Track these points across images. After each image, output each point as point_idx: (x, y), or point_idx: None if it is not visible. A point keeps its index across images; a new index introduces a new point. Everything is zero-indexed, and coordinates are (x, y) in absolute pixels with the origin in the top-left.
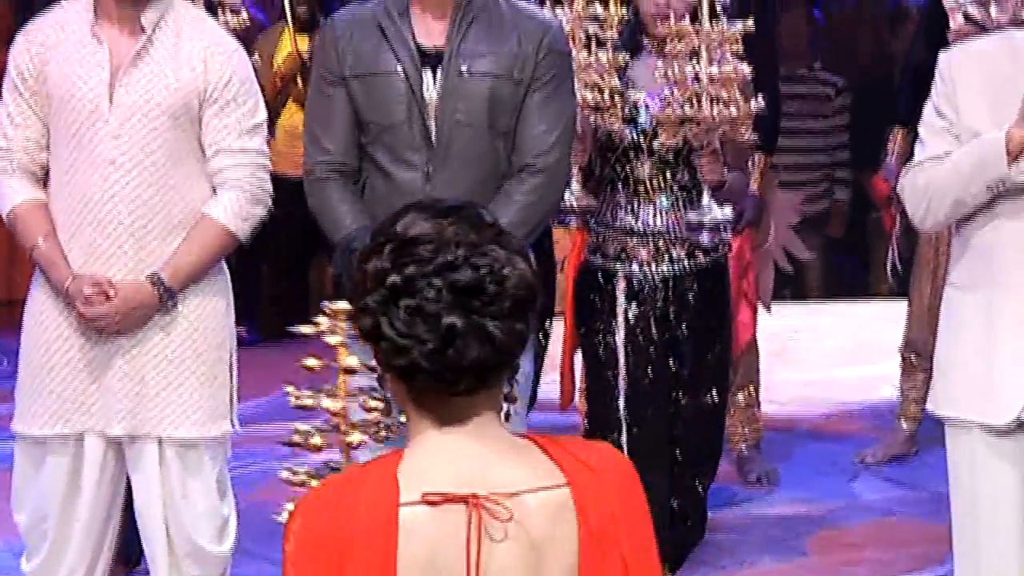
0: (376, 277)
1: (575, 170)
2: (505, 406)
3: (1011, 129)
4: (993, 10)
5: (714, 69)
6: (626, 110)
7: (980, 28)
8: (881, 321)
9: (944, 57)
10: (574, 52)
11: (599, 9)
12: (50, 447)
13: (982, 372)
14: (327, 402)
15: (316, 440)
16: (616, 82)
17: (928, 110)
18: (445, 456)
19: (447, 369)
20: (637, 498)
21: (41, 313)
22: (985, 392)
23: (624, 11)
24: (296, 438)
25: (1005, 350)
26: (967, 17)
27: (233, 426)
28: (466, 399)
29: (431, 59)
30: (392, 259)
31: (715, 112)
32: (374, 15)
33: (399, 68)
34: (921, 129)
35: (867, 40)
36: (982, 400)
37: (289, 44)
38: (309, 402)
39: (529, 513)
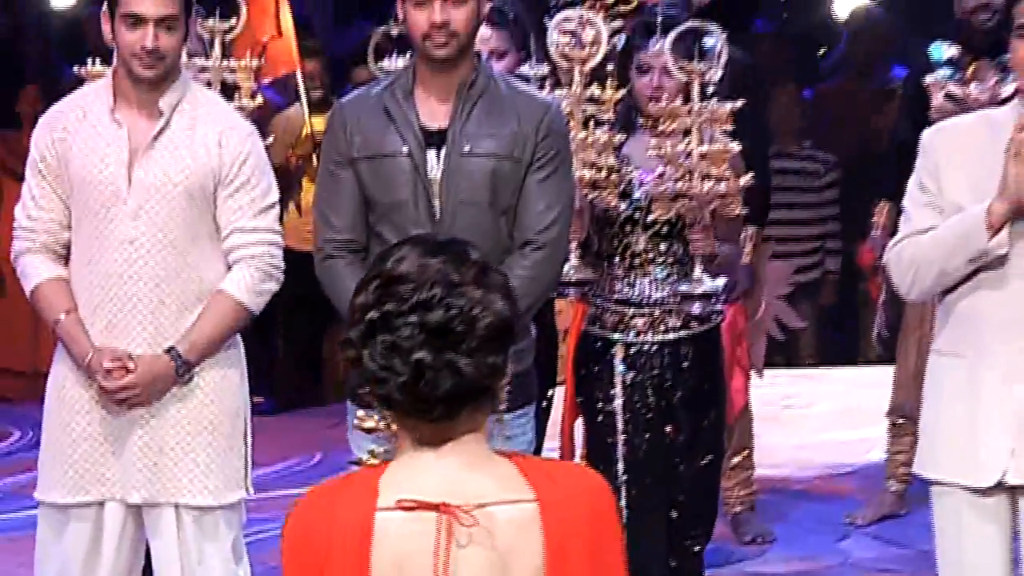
0: (361, 311)
1: (573, 244)
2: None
3: (991, 203)
4: (973, 89)
5: (704, 147)
6: (622, 186)
7: (960, 106)
8: (870, 387)
9: (927, 134)
10: (573, 132)
11: (596, 91)
12: (72, 514)
13: (965, 436)
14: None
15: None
16: (613, 160)
17: (912, 185)
18: (423, 469)
19: (419, 400)
20: (607, 517)
21: (63, 386)
22: (968, 455)
23: (620, 93)
24: (368, 458)
25: (987, 415)
26: (948, 96)
27: (248, 493)
28: (444, 423)
29: (435, 139)
30: (376, 296)
31: (706, 188)
32: (380, 97)
33: (404, 148)
34: (906, 203)
35: (855, 117)
36: (965, 463)
37: (305, 126)
38: (372, 424)
39: (497, 524)
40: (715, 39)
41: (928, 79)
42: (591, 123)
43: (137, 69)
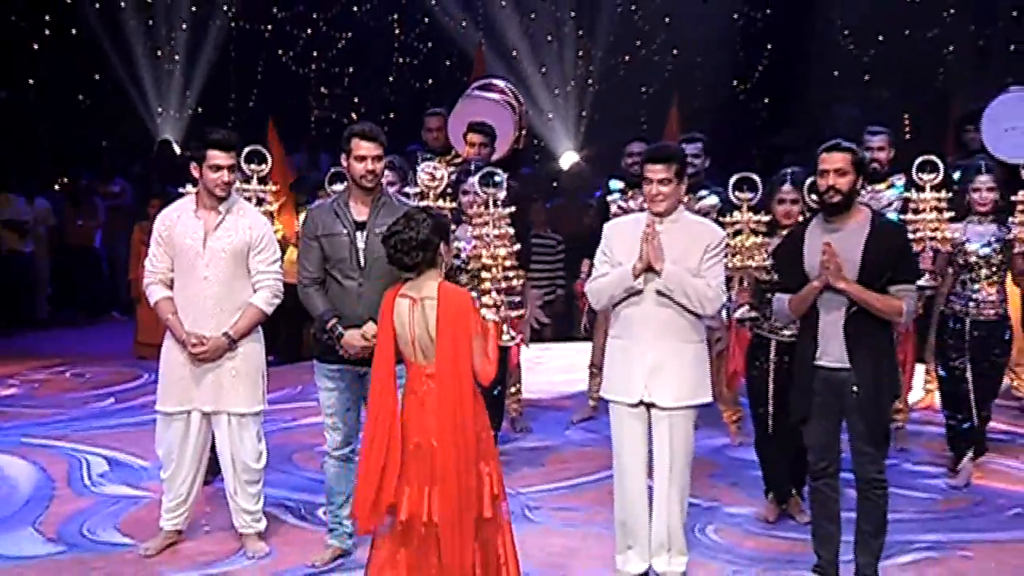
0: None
1: None
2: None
3: (634, 264)
4: (632, 204)
5: (497, 230)
6: (454, 251)
7: (625, 213)
8: (581, 352)
9: (607, 226)
10: None
11: (443, 202)
12: (173, 417)
13: (622, 377)
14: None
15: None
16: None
17: (599, 251)
18: (409, 287)
19: (401, 266)
20: (465, 308)
21: (169, 352)
22: (623, 385)
23: (452, 204)
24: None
25: (634, 367)
26: (619, 207)
27: (265, 405)
28: (412, 272)
29: (360, 226)
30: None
31: (501, 252)
32: (332, 204)
33: (345, 231)
34: (596, 261)
35: (571, 218)
36: (623, 390)
37: (288, 220)
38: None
39: (427, 304)
40: (501, 177)
41: (609, 198)
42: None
43: (218, 192)
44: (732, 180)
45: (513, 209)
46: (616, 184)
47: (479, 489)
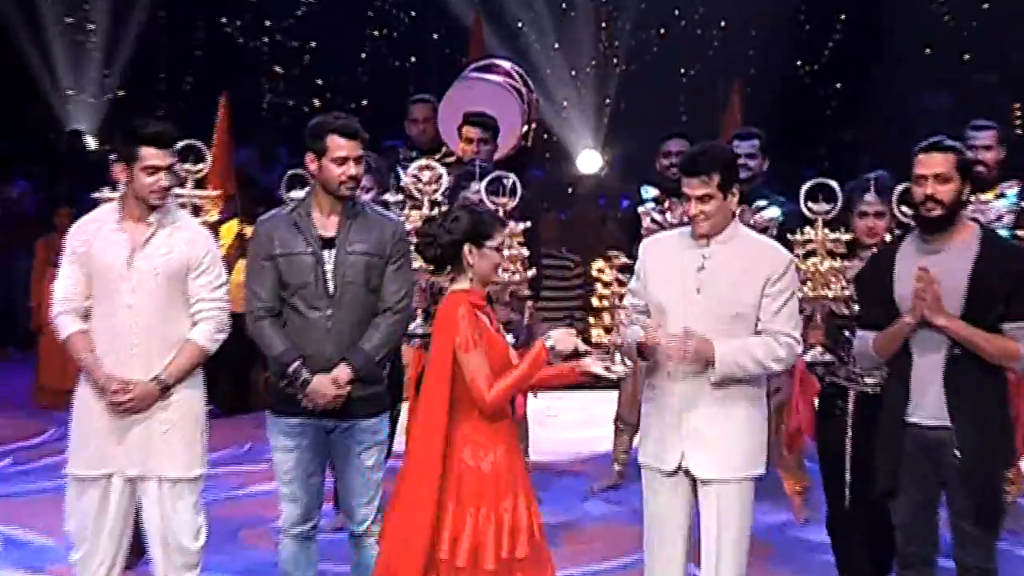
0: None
1: (419, 310)
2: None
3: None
4: (668, 217)
5: (507, 252)
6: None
7: (660, 228)
8: (601, 403)
9: (642, 244)
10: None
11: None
12: (88, 483)
13: (655, 434)
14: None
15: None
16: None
17: (634, 278)
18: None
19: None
20: (452, 318)
21: (83, 400)
22: (656, 447)
23: None
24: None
25: (666, 421)
26: (653, 220)
27: (204, 469)
28: (440, 272)
29: (328, 243)
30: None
31: (505, 277)
32: (289, 215)
33: (308, 249)
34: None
35: (588, 233)
36: (654, 452)
37: (232, 232)
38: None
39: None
40: (513, 182)
41: (640, 209)
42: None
43: (152, 200)
44: (804, 188)
45: (528, 224)
46: (650, 191)
47: (431, 530)
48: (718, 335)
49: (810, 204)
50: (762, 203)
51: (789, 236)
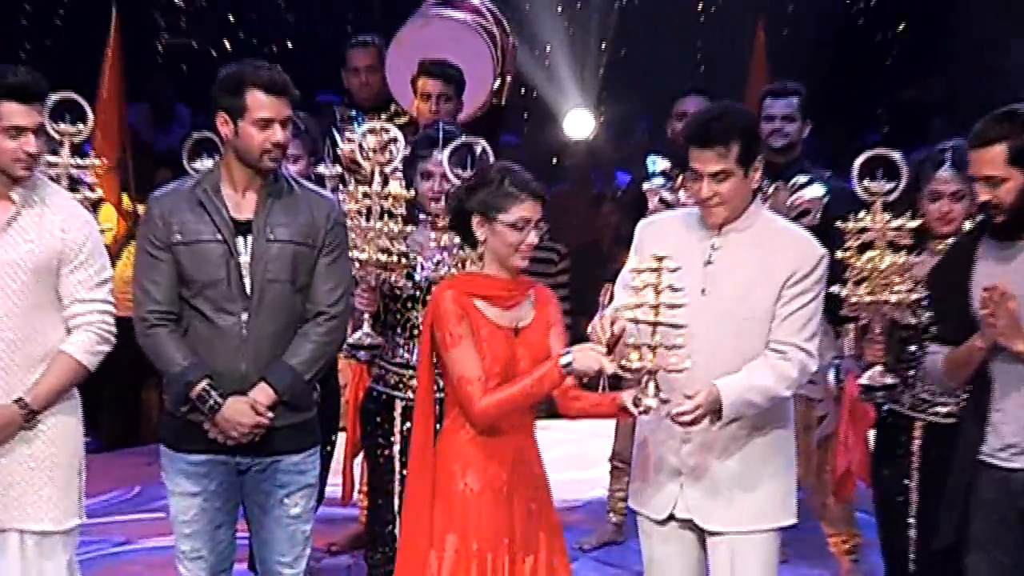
0: None
1: (367, 315)
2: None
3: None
4: (682, 196)
5: None
6: (407, 269)
7: (668, 207)
8: (595, 436)
9: (640, 225)
10: (371, 221)
11: (394, 188)
12: None
13: (649, 475)
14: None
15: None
16: (402, 247)
17: (626, 268)
18: None
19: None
20: (438, 313)
21: None
22: (649, 491)
23: (410, 192)
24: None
25: (662, 459)
26: (662, 200)
27: (81, 519)
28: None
29: (243, 228)
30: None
31: None
32: (192, 191)
33: (218, 236)
34: (620, 278)
35: (577, 216)
36: (647, 496)
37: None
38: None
39: None
40: (483, 149)
41: (646, 186)
42: (386, 216)
43: (17, 171)
44: (858, 161)
45: None
46: (658, 164)
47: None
48: (725, 346)
49: (866, 182)
50: (802, 179)
51: (840, 224)
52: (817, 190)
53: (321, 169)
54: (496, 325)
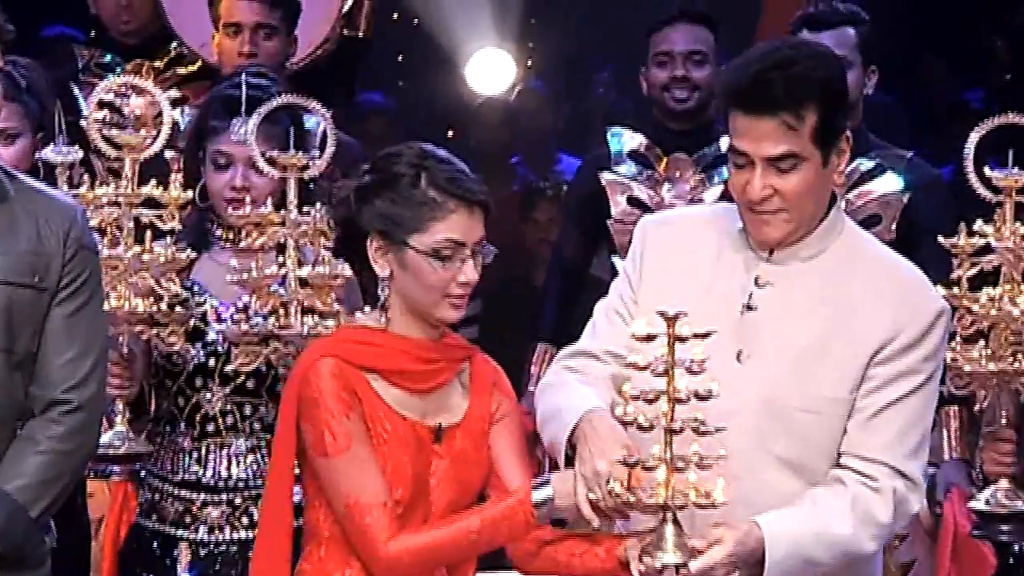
0: None
1: (119, 405)
2: None
3: None
4: (665, 191)
5: (305, 270)
6: (190, 324)
7: (648, 212)
8: None
9: (646, 220)
10: (121, 246)
11: (156, 191)
12: None
13: None
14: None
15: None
16: (177, 287)
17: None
18: None
19: None
20: (308, 386)
21: None
22: None
23: (188, 194)
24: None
25: None
26: (633, 200)
27: None
28: None
29: None
30: None
31: (307, 328)
32: None
33: None
34: (601, 306)
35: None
36: None
37: None
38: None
39: None
40: (317, 119)
41: (606, 177)
42: (147, 234)
43: None
44: (973, 137)
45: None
46: (624, 139)
47: None
48: (769, 453)
49: (986, 170)
50: (867, 164)
51: (942, 240)
52: (892, 182)
53: (49, 153)
54: (401, 418)
